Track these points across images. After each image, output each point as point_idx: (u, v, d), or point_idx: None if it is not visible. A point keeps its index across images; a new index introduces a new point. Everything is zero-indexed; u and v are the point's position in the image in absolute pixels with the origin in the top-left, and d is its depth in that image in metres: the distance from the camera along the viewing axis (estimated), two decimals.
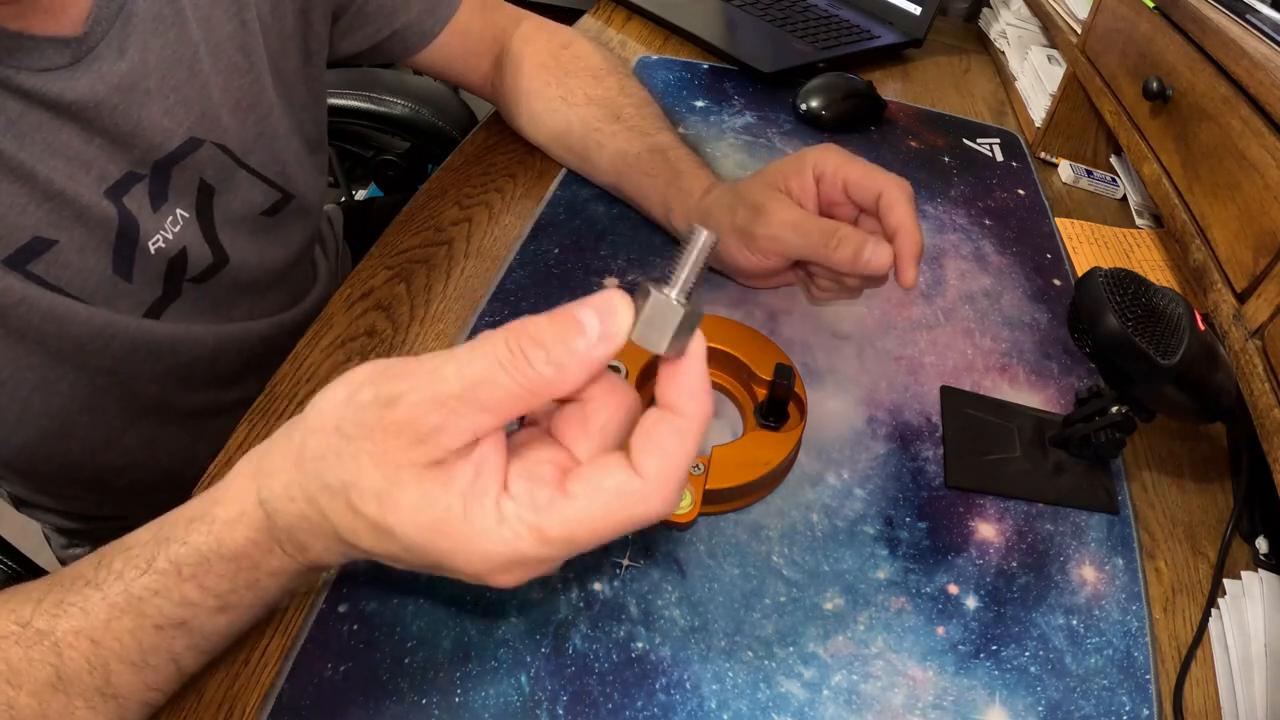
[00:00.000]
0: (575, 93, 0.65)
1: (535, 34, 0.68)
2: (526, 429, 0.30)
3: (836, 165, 0.51)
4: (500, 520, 0.25)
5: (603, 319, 0.25)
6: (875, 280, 0.52)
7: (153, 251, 0.49)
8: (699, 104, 0.81)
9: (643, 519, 0.26)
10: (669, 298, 0.26)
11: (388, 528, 0.26)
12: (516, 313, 0.54)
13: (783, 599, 0.41)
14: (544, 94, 0.66)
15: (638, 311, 0.26)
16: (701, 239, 0.26)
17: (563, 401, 0.29)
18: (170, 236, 0.50)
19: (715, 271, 0.59)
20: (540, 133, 0.68)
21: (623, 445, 0.27)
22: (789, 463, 0.46)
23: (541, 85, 0.66)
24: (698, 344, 0.27)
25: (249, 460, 0.30)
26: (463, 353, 0.25)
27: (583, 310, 0.25)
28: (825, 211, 0.54)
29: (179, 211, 0.50)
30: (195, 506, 0.30)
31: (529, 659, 0.37)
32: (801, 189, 0.53)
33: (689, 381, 0.27)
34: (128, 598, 0.28)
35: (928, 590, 0.43)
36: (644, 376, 0.46)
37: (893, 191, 0.49)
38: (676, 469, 0.26)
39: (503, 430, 0.27)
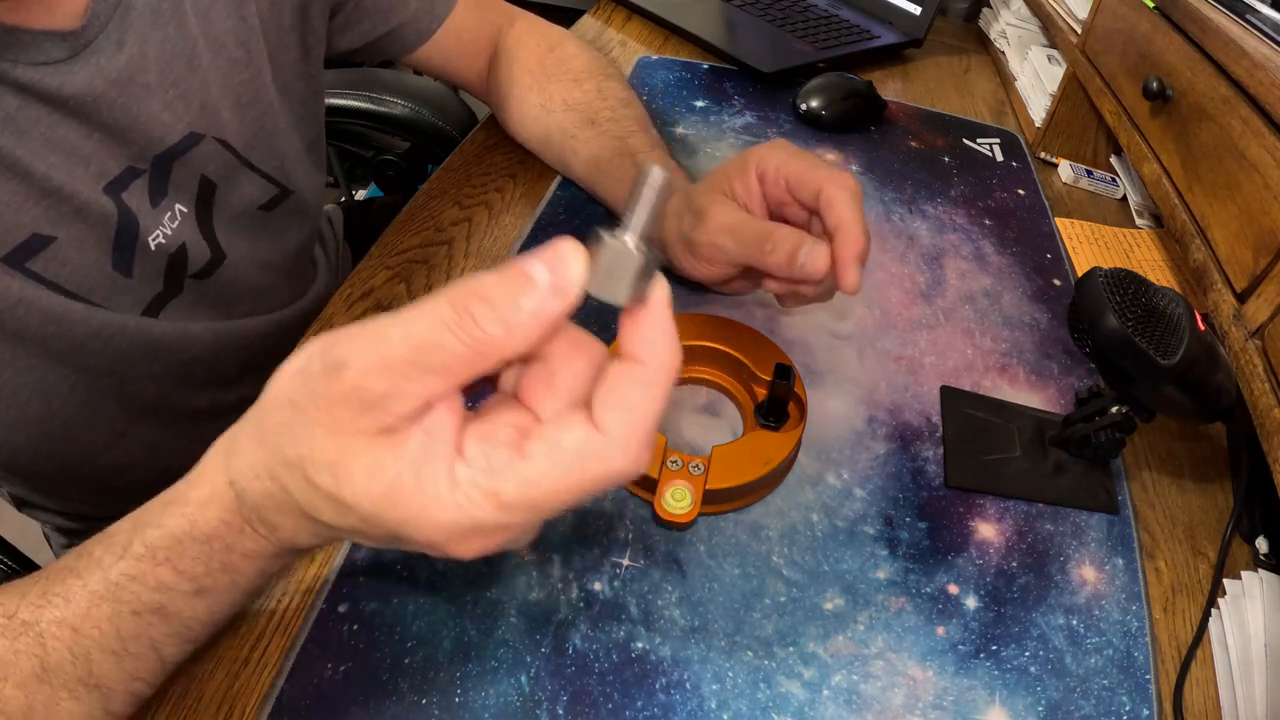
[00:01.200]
0: (554, 99, 0.65)
1: (526, 36, 0.68)
2: (495, 395, 0.28)
3: (779, 163, 0.47)
4: (453, 485, 0.24)
5: (553, 271, 0.23)
6: (819, 284, 0.47)
7: (153, 248, 0.48)
8: (699, 104, 0.81)
9: (607, 479, 0.25)
10: (624, 243, 0.24)
11: (342, 499, 0.25)
12: None
13: (783, 599, 0.41)
14: (527, 100, 0.66)
15: (593, 261, 0.24)
16: (651, 177, 0.24)
17: (527, 362, 0.27)
18: (169, 232, 0.49)
19: None
20: (528, 138, 0.68)
21: None
22: (789, 463, 0.46)
23: (525, 91, 0.66)
24: (660, 290, 0.25)
25: (221, 442, 0.29)
26: (408, 314, 0.24)
27: (531, 264, 0.23)
28: (775, 213, 0.50)
29: (178, 207, 0.50)
30: (171, 491, 0.30)
31: (529, 659, 0.37)
32: (746, 190, 0.49)
33: (651, 329, 0.25)
34: (105, 584, 0.28)
35: (928, 590, 0.43)
36: None
37: (832, 188, 0.45)
38: (642, 424, 0.24)
39: (458, 394, 0.25)
